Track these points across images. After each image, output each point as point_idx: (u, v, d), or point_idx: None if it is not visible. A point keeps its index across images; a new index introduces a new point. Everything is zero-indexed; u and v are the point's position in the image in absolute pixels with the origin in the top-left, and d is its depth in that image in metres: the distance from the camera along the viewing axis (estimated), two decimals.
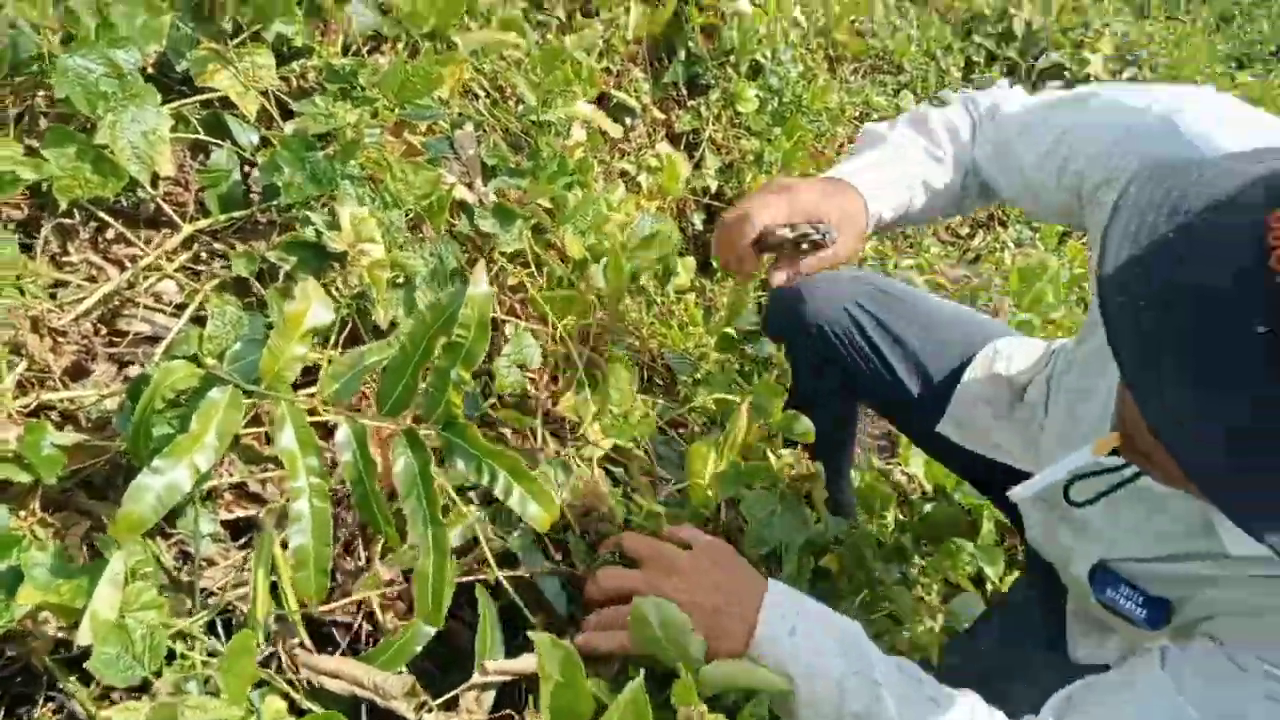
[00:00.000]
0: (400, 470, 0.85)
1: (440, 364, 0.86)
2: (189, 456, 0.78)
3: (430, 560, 0.81)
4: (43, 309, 0.93)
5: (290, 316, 0.85)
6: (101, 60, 0.97)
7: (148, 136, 1.01)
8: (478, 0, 1.48)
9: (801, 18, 2.67)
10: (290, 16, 1.24)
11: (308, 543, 0.81)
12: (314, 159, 1.07)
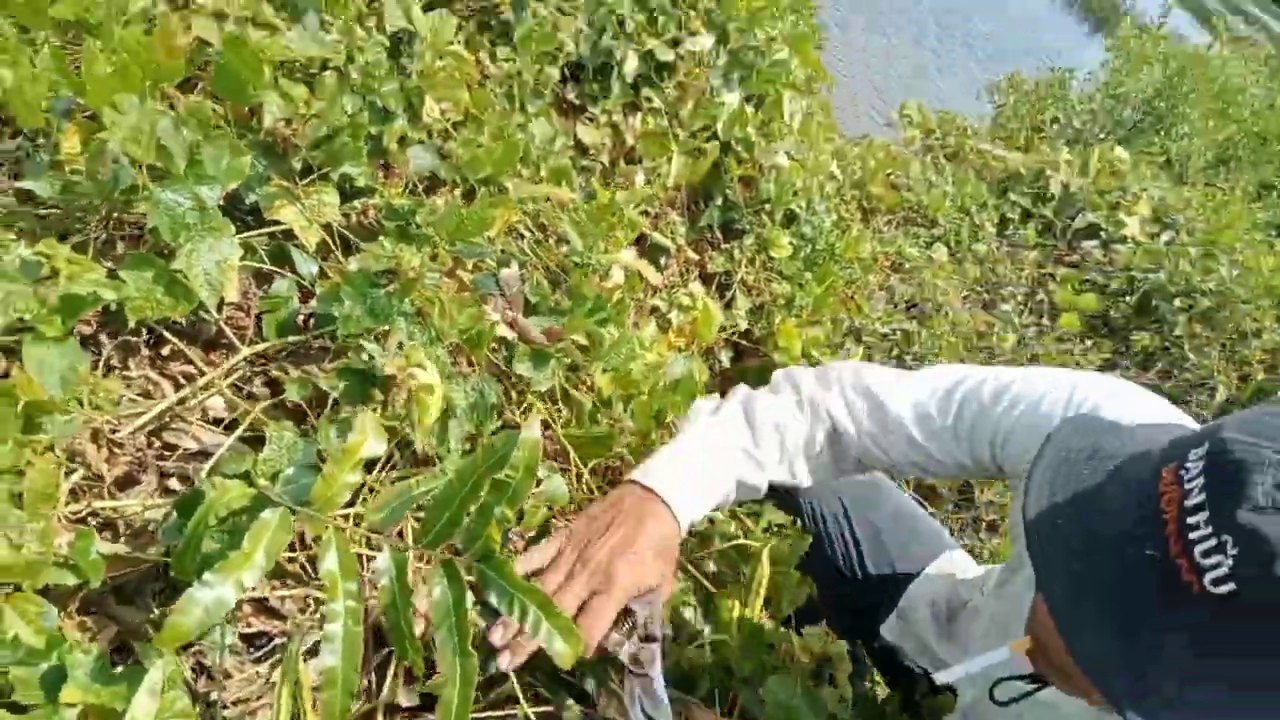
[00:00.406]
0: (436, 600, 0.90)
1: (487, 500, 0.91)
2: (237, 574, 0.83)
3: (456, 691, 0.85)
4: (103, 421, 0.99)
5: (348, 447, 0.91)
6: (189, 195, 1.07)
7: (219, 265, 1.10)
8: (530, 149, 1.59)
9: (838, 171, 2.80)
10: (357, 160, 1.35)
11: (338, 665, 0.85)
12: (375, 295, 1.15)
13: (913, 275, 3.30)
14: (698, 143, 2.18)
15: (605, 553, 1.08)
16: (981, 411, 1.17)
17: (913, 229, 3.52)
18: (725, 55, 2.38)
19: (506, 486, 0.91)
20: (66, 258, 1.00)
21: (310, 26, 1.43)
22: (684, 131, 2.20)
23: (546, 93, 2.02)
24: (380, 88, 1.45)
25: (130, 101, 1.07)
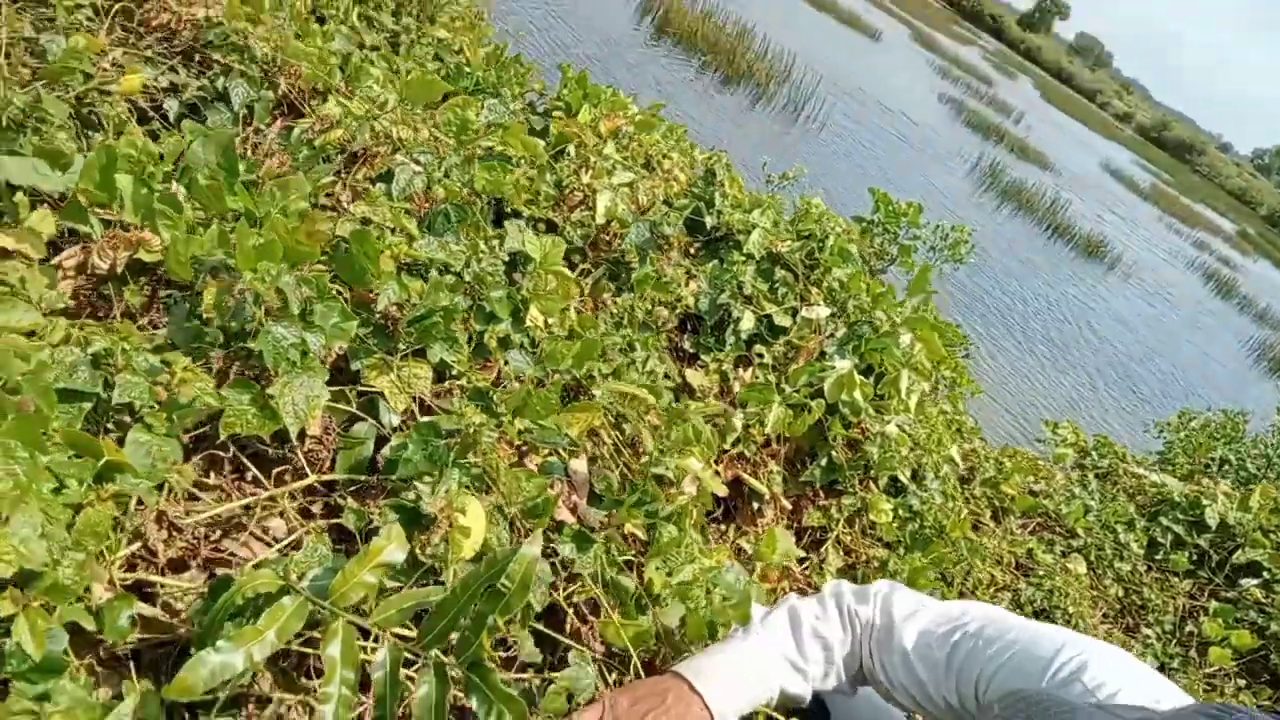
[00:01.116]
0: (421, 696, 0.95)
1: (482, 609, 0.98)
2: (248, 646, 0.93)
3: None
4: (170, 507, 1.14)
5: (370, 550, 1.01)
6: (296, 335, 1.27)
7: (308, 399, 1.28)
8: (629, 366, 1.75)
9: (958, 457, 2.82)
10: (450, 344, 1.54)
11: None
12: (436, 445, 1.29)
13: (1043, 582, 3.18)
14: (801, 398, 2.29)
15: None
16: (974, 651, 1.20)
17: (1048, 536, 3.42)
18: (843, 328, 2.54)
19: (501, 596, 0.98)
20: (185, 367, 1.19)
21: (441, 237, 1.69)
22: (790, 387, 2.32)
23: (660, 335, 2.23)
24: (490, 293, 1.67)
25: (269, 266, 1.30)
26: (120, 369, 1.15)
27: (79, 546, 0.96)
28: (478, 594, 1.00)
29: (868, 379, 2.56)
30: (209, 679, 0.89)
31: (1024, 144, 24.90)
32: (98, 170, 1.41)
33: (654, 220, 2.28)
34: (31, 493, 0.90)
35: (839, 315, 2.55)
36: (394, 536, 1.03)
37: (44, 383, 1.04)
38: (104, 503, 1.00)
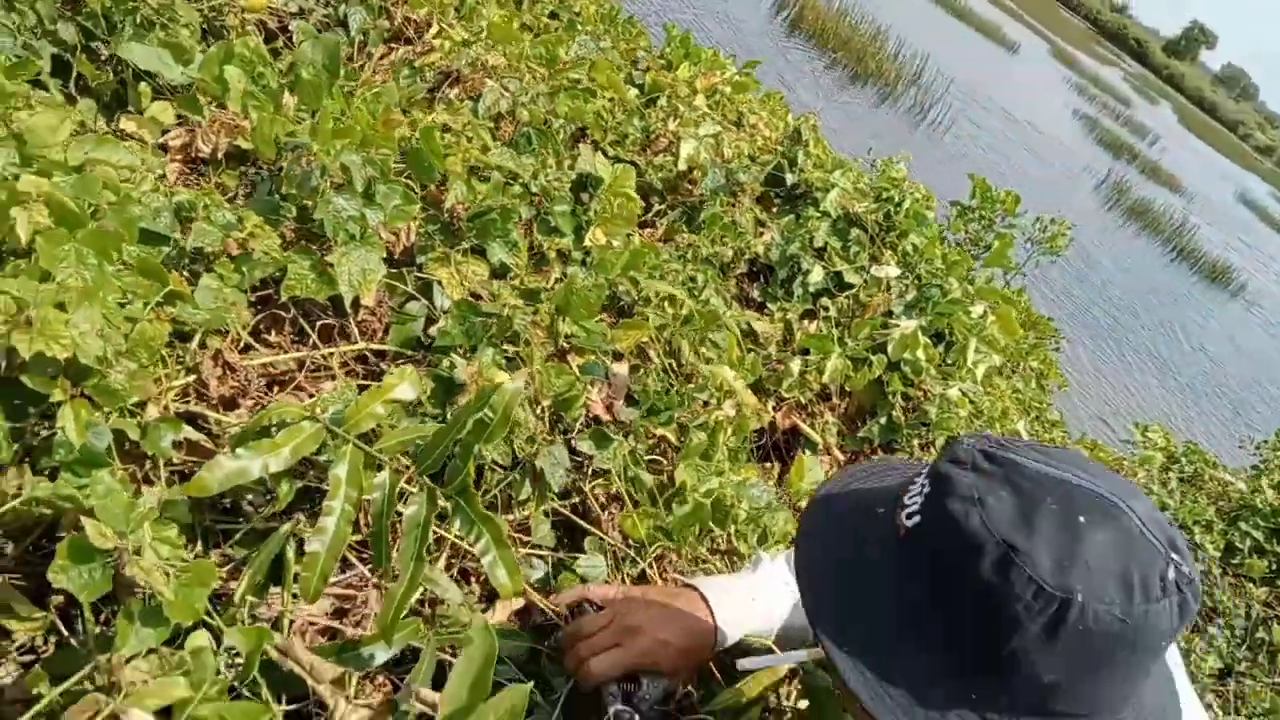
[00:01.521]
0: (410, 514, 0.99)
1: (468, 438, 1.02)
2: (265, 456, 0.98)
3: (401, 589, 0.92)
4: (228, 345, 1.21)
5: (383, 385, 1.06)
6: (356, 209, 1.32)
7: (364, 272, 1.33)
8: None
9: (1024, 430, 2.73)
10: (515, 252, 1.57)
11: (322, 551, 0.96)
12: (472, 321, 1.33)
13: None
14: (862, 351, 2.26)
15: (640, 621, 1.20)
16: None
17: None
18: (913, 290, 2.49)
19: (484, 427, 1.01)
20: (256, 224, 1.26)
21: (515, 150, 1.73)
22: (852, 340, 2.29)
23: (728, 280, 2.22)
24: (554, 206, 1.70)
25: (340, 143, 1.36)
26: (199, 219, 1.23)
27: (132, 356, 1.02)
28: (464, 425, 1.03)
29: (935, 345, 2.51)
30: (224, 480, 0.95)
31: (1156, 166, 23.72)
32: (216, 64, 1.49)
33: (731, 167, 2.28)
34: (96, 297, 0.97)
35: (909, 277, 2.50)
36: (405, 375, 1.07)
37: (127, 214, 1.11)
38: (162, 324, 1.07)
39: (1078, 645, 0.76)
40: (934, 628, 0.81)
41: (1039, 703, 0.79)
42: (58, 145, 1.09)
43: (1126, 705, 0.82)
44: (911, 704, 0.80)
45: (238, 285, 1.23)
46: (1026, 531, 0.77)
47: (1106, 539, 0.78)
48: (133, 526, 0.89)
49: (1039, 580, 0.75)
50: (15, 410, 0.95)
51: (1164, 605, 0.76)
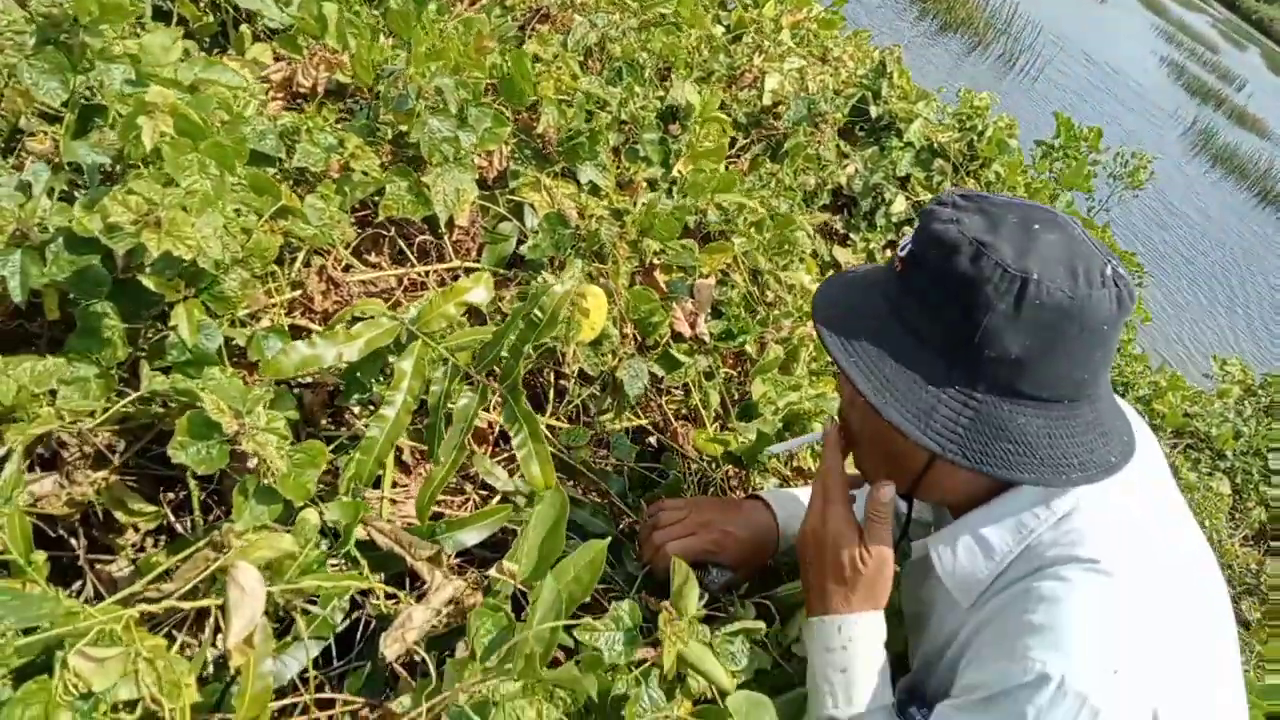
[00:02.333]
0: (460, 407, 0.98)
1: (520, 336, 0.98)
2: (339, 346, 0.96)
3: (441, 471, 0.90)
4: (331, 263, 1.19)
5: (456, 287, 1.02)
6: (450, 130, 1.28)
7: (458, 193, 1.29)
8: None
9: None
10: (605, 175, 1.52)
11: (379, 437, 0.94)
12: (561, 233, 1.28)
13: (1185, 496, 2.88)
14: None
15: (711, 516, 1.23)
16: None
17: (1194, 455, 3.10)
18: None
19: (535, 326, 0.98)
20: (356, 145, 1.23)
21: (606, 79, 1.66)
22: None
23: (812, 211, 2.13)
24: (643, 134, 1.63)
25: (434, 66, 1.32)
26: (303, 142, 1.20)
27: (246, 265, 1.01)
28: (516, 324, 1.00)
29: None
30: (299, 364, 0.94)
31: (1243, 111, 22.10)
32: (316, 2, 1.46)
33: (815, 99, 2.16)
34: (217, 204, 0.96)
35: None
36: (480, 280, 1.04)
37: (238, 133, 1.10)
38: (275, 236, 1.05)
39: (1036, 317, 0.88)
40: (925, 325, 0.93)
41: (1010, 384, 0.90)
42: (170, 65, 1.08)
43: (1083, 399, 0.93)
44: (910, 393, 0.92)
45: (340, 205, 1.21)
46: (993, 234, 0.90)
47: (1055, 239, 0.91)
48: (249, 407, 0.88)
49: (1004, 264, 0.88)
50: (130, 313, 0.95)
51: (1104, 293, 0.89)
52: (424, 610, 0.87)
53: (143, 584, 0.82)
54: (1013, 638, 0.90)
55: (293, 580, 0.83)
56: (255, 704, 0.77)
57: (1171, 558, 0.96)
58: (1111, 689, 0.84)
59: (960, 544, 1.00)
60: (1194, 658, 0.93)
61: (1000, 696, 0.88)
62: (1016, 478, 0.92)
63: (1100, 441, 0.94)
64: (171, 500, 1.00)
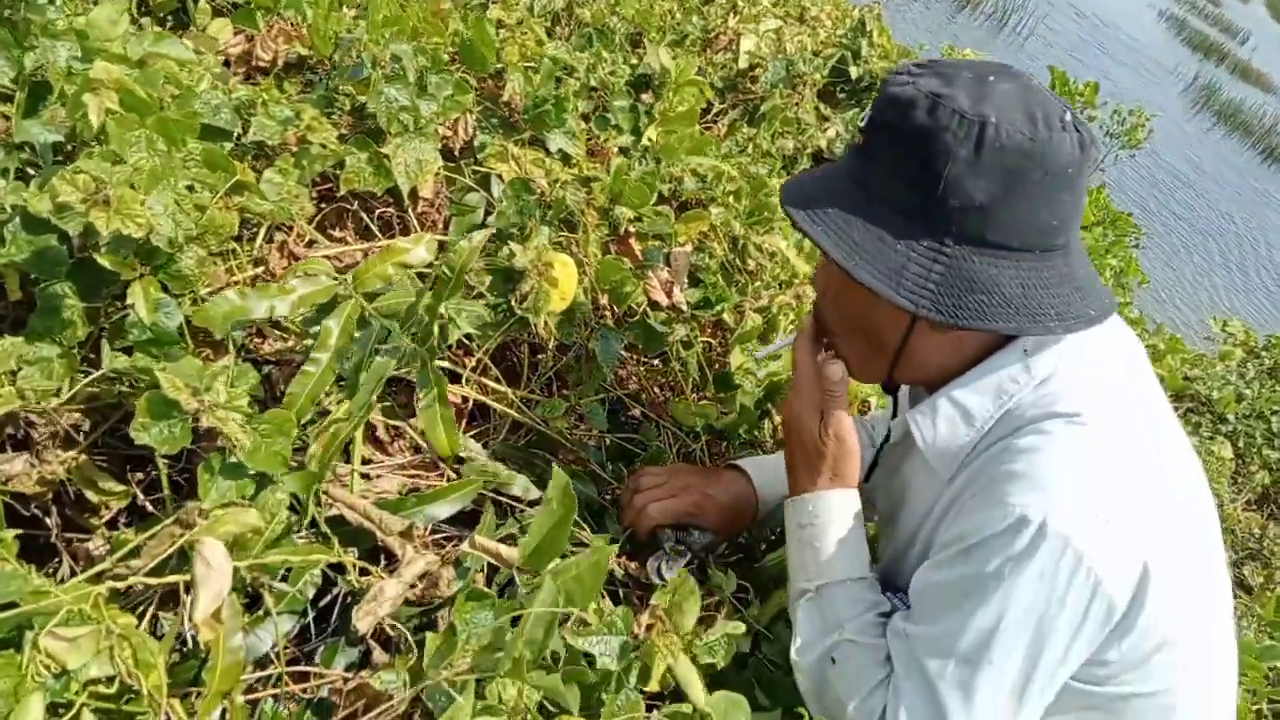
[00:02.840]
0: (376, 364, 1.05)
1: (434, 295, 1.04)
2: (272, 299, 1.00)
3: (352, 424, 0.97)
4: (293, 238, 1.21)
5: (395, 246, 1.05)
6: (407, 98, 1.30)
7: (420, 163, 1.31)
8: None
9: None
10: (574, 142, 1.54)
11: (300, 394, 0.99)
12: (526, 199, 1.31)
13: None
14: None
15: (691, 480, 1.28)
16: None
17: (1195, 419, 3.15)
18: None
19: (446, 282, 1.06)
20: (312, 116, 1.25)
21: (575, 45, 1.68)
22: None
23: (786, 176, 2.15)
24: (614, 101, 1.65)
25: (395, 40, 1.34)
26: (258, 115, 1.22)
27: (202, 242, 1.03)
28: (431, 285, 1.04)
29: None
30: (228, 314, 0.98)
31: (1247, 65, 22.16)
32: None
33: (792, 60, 2.19)
34: (167, 181, 0.98)
35: None
36: (421, 241, 1.07)
37: (190, 107, 1.12)
38: (230, 212, 1.07)
39: (997, 161, 0.90)
40: (889, 187, 0.96)
41: (978, 233, 0.93)
42: (118, 39, 1.09)
43: (1055, 251, 0.95)
44: (879, 253, 0.94)
45: (299, 179, 1.23)
46: (947, 88, 0.93)
47: (1011, 88, 0.94)
48: (207, 384, 0.90)
49: (960, 111, 0.91)
50: (89, 292, 0.97)
51: (1065, 137, 0.92)
52: (396, 584, 0.90)
53: (111, 561, 0.84)
54: (991, 488, 0.93)
55: (259, 555, 0.86)
56: (227, 678, 0.80)
57: (1159, 442, 1.00)
58: (1096, 534, 0.87)
59: (940, 413, 1.03)
60: (1186, 527, 0.96)
61: (978, 546, 0.90)
62: (993, 327, 0.94)
63: (1077, 296, 0.96)
64: (143, 479, 1.03)
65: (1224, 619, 1.03)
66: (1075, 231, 0.99)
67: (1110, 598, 0.88)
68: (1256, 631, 2.34)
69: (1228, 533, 2.82)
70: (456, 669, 0.84)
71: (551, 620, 0.84)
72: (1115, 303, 1.01)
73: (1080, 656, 0.91)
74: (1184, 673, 0.97)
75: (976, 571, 0.91)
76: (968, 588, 0.92)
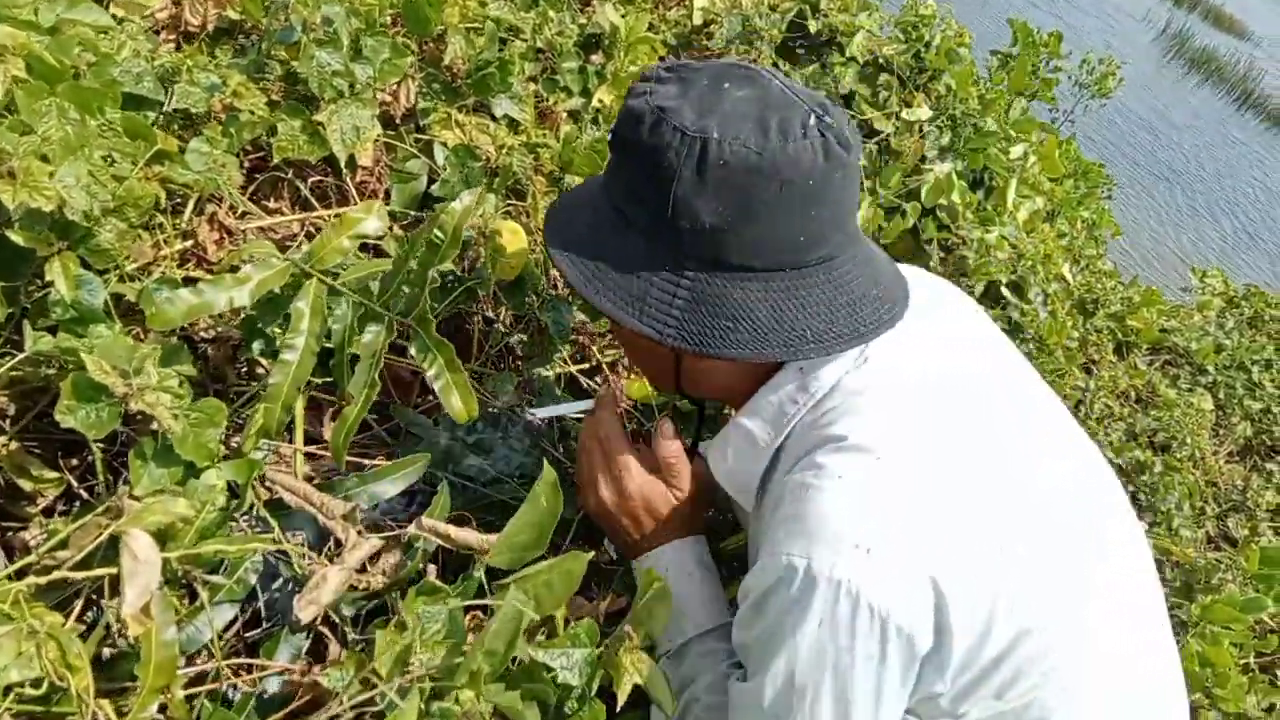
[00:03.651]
0: (367, 341, 0.99)
1: (422, 260, 0.99)
2: (228, 292, 0.96)
3: (354, 411, 0.91)
4: (225, 210, 1.18)
5: (347, 217, 1.02)
6: (340, 62, 1.27)
7: (358, 129, 1.28)
8: None
9: (1069, 274, 2.63)
10: (521, 106, 1.51)
11: (284, 382, 0.94)
12: (472, 167, 1.28)
13: (1164, 414, 2.96)
14: (893, 199, 2.17)
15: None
16: None
17: (1174, 371, 3.17)
18: (948, 133, 2.37)
19: (437, 248, 0.99)
20: (239, 82, 1.21)
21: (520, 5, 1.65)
22: (884, 189, 2.20)
23: None
24: (562, 63, 1.62)
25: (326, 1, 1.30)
26: (183, 82, 1.19)
27: (121, 215, 1.00)
28: (418, 247, 1.01)
29: (974, 191, 2.40)
30: (187, 313, 0.94)
31: (1219, 10, 22.30)
32: None
33: (748, 15, 2.16)
34: (80, 152, 0.94)
35: (943, 120, 2.37)
36: (373, 210, 1.04)
37: (107, 75, 1.08)
38: (151, 183, 1.04)
39: (722, 179, 0.86)
40: (629, 206, 0.93)
41: (716, 256, 0.89)
42: (27, 4, 1.05)
43: (813, 266, 0.91)
44: (622, 280, 0.92)
45: (227, 148, 1.19)
46: (678, 100, 0.89)
47: (746, 95, 0.89)
48: (136, 365, 0.87)
49: (681, 127, 0.87)
50: (6, 269, 0.94)
51: (805, 145, 0.86)
52: (339, 571, 0.88)
53: (38, 554, 0.82)
54: (770, 535, 0.89)
55: (191, 546, 0.83)
56: (161, 673, 0.78)
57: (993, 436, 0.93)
58: (864, 568, 0.81)
59: (730, 443, 1.00)
60: (1047, 518, 0.90)
61: (764, 598, 0.87)
62: (737, 355, 0.89)
63: (844, 312, 0.91)
64: (78, 465, 1.00)
65: (1110, 600, 0.93)
66: (844, 240, 0.94)
67: (905, 630, 0.82)
68: (1241, 585, 2.37)
69: (1210, 485, 2.85)
70: (408, 673, 0.81)
71: (515, 633, 0.81)
72: (899, 311, 0.95)
73: (898, 697, 0.85)
74: (1054, 675, 0.87)
75: (765, 627, 0.87)
76: (764, 643, 0.88)
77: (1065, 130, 4.26)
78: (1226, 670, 1.91)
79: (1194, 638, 2.13)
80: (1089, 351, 2.94)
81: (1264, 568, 2.10)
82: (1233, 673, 1.93)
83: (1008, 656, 0.85)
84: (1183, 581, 2.37)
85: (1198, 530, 2.74)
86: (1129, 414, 3.01)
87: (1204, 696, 2.03)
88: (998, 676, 0.85)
